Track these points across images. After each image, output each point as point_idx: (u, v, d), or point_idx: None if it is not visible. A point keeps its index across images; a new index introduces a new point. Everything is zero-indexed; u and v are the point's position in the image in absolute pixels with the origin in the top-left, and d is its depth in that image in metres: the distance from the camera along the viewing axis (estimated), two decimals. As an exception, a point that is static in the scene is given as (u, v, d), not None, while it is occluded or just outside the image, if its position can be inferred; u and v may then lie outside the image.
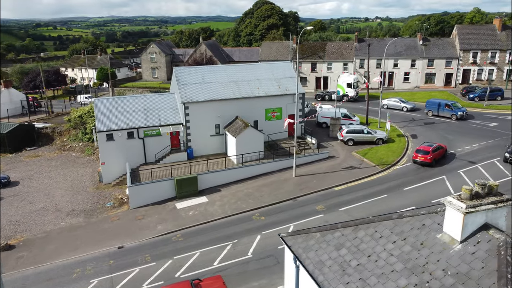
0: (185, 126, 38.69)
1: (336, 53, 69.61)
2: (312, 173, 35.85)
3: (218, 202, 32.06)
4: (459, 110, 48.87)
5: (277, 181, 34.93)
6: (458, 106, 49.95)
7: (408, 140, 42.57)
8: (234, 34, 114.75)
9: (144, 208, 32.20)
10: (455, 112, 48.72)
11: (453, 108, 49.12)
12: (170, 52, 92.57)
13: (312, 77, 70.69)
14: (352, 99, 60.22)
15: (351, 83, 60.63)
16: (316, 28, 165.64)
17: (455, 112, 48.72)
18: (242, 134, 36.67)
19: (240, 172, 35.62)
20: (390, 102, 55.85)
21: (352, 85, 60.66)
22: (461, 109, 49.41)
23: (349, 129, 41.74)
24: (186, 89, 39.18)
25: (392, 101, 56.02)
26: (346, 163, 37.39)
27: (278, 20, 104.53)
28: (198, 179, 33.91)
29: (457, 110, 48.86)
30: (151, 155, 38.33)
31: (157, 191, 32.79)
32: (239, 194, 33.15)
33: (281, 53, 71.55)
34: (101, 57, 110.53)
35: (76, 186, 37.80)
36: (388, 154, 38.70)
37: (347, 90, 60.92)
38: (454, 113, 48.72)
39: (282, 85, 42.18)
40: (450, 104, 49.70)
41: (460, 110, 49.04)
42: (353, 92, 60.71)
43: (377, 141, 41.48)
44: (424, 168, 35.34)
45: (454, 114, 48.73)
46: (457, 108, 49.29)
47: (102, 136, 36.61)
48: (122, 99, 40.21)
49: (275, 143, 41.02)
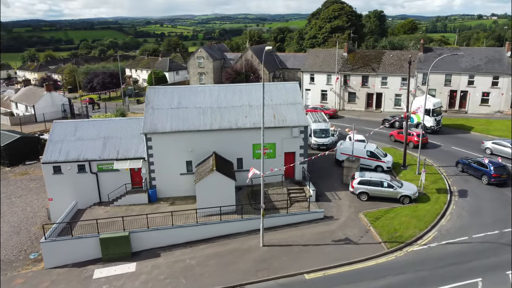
0: (147, 162, 31.48)
1: (395, 65, 56.77)
2: (287, 243, 26.13)
3: (144, 277, 24.22)
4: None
5: (236, 251, 25.93)
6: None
7: (450, 200, 30.21)
8: (298, 37, 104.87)
9: (60, 271, 25.69)
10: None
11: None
12: (221, 57, 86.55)
13: (363, 93, 58.73)
14: (430, 131, 45.36)
15: (429, 109, 44.60)
16: (406, 28, 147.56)
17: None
18: (205, 180, 28.26)
19: (194, 232, 27.30)
20: (498, 147, 37.79)
21: (432, 112, 45.15)
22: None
23: (363, 179, 30.71)
24: (153, 115, 31.89)
25: (502, 145, 37.55)
26: (342, 232, 26.86)
27: (345, 22, 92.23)
28: (135, 238, 26.49)
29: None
30: (106, 193, 31.87)
31: (79, 250, 26.02)
32: (177, 266, 24.90)
33: (327, 63, 60.75)
34: (162, 59, 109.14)
35: (25, 222, 32.93)
36: (410, 223, 27.18)
37: (424, 118, 44.28)
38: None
39: (279, 114, 32.71)
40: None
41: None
42: (432, 121, 45.36)
43: (401, 198, 29.92)
44: (461, 251, 23.61)
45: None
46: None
47: (48, 168, 31.03)
48: (84, 123, 34.34)
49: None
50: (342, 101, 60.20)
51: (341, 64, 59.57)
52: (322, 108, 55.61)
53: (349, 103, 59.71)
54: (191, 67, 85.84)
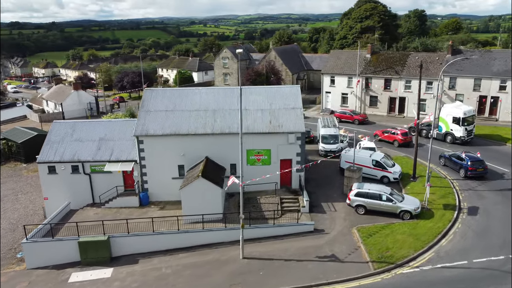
0: (139, 165, 31.08)
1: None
2: (269, 257, 24.72)
3: (117, 284, 23.69)
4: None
5: (215, 262, 24.84)
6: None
7: (456, 218, 27.53)
8: (329, 37, 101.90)
9: (40, 272, 25.71)
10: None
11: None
12: (246, 57, 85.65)
13: (385, 97, 55.77)
14: (460, 141, 41.28)
15: (459, 118, 40.85)
16: (450, 28, 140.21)
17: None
18: (190, 186, 27.40)
19: (174, 240, 26.47)
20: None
21: (462, 120, 40.65)
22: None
23: (361, 191, 28.61)
24: (146, 118, 31.45)
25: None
26: (329, 248, 25.07)
27: (376, 22, 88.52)
28: (115, 243, 26.06)
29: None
30: (99, 194, 31.79)
31: (59, 252, 25.92)
32: (152, 274, 24.18)
33: (349, 65, 58.25)
34: (192, 59, 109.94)
35: (23, 220, 33.55)
36: (405, 242, 24.94)
37: (453, 128, 41.52)
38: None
39: (275, 119, 31.27)
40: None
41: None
42: (462, 131, 41.01)
43: (401, 214, 27.62)
44: (457, 276, 21.30)
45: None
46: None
47: (44, 168, 31.39)
48: (82, 124, 34.51)
49: (255, 197, 30.53)
50: (363, 105, 57.52)
51: (363, 67, 56.91)
52: (351, 113, 53.19)
53: (371, 107, 56.94)
54: (216, 68, 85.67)
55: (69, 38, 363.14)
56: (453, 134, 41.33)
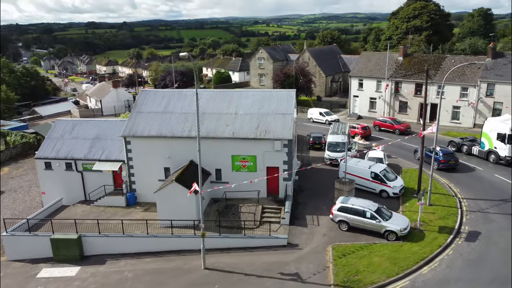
0: (127, 165, 31.32)
1: (455, 72, 48.70)
2: (231, 270, 23.62)
3: (77, 283, 23.91)
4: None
5: (176, 270, 24.23)
6: None
7: (450, 243, 24.51)
8: (374, 38, 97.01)
9: (16, 264, 26.73)
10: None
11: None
12: (283, 58, 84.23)
13: (415, 103, 51.77)
14: (505, 162, 35.33)
15: (505, 134, 35.21)
16: None
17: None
18: (164, 190, 27.04)
19: (143, 243, 26.23)
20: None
21: (509, 137, 34.85)
22: None
23: (344, 205, 26.44)
24: (136, 119, 31.58)
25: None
26: (295, 266, 23.40)
27: (424, 21, 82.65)
28: (87, 242, 26.38)
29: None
30: (91, 192, 32.54)
31: (34, 247, 26.75)
32: (113, 277, 24.12)
33: (379, 68, 54.84)
34: (235, 59, 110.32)
35: (26, 211, 35.25)
36: (380, 265, 22.61)
37: (497, 146, 36.05)
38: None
39: (263, 124, 29.95)
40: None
41: None
42: (508, 150, 35.08)
43: (385, 234, 25.13)
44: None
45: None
46: None
47: (41, 164, 32.72)
48: (82, 122, 35.50)
49: (237, 205, 29.48)
50: (392, 111, 53.91)
51: (394, 70, 53.31)
52: (392, 122, 48.15)
53: (400, 113, 53.20)
54: (252, 68, 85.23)
55: (137, 37, 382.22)
56: (497, 153, 35.95)
